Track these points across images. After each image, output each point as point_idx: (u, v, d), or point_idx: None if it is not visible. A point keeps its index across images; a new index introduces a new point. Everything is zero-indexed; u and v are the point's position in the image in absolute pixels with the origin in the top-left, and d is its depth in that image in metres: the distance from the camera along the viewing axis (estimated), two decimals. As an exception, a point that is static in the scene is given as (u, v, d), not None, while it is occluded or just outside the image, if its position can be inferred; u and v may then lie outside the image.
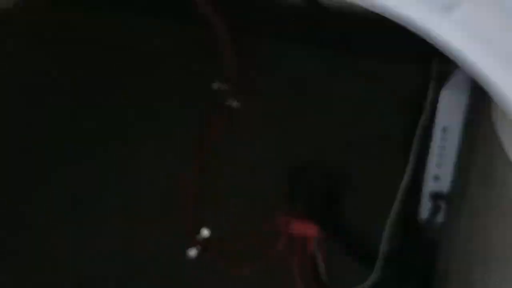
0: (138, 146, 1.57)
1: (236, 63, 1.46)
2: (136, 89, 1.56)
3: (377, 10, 0.55)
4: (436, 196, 1.09)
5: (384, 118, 1.46)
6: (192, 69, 1.54)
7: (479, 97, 0.97)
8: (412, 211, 1.37)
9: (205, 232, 1.55)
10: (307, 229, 1.48)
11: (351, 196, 1.48)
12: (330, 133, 1.50)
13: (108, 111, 1.58)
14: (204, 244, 1.52)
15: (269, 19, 1.50)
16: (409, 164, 1.31)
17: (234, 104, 1.49)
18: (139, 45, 1.56)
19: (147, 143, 1.56)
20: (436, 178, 1.09)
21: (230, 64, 1.47)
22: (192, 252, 1.54)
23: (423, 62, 1.33)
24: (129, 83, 1.57)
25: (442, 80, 1.05)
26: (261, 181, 1.52)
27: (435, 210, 1.08)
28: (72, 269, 1.47)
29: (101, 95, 1.59)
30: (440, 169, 1.08)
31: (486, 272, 0.89)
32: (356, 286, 1.47)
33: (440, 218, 1.10)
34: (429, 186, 1.10)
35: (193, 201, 1.52)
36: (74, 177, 1.53)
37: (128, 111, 1.57)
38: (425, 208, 1.13)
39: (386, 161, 1.46)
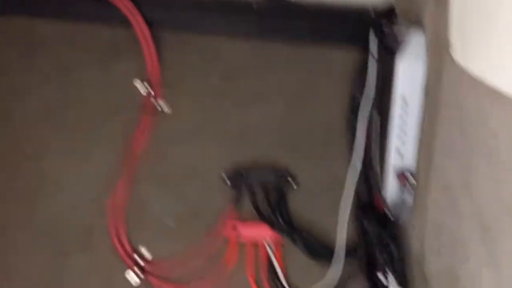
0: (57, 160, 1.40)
1: (159, 60, 1.36)
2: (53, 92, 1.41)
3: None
4: (401, 173, 1.03)
5: (326, 105, 1.40)
6: (113, 69, 1.40)
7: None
8: (371, 196, 1.32)
9: (144, 253, 1.40)
10: (257, 232, 1.39)
11: (300, 190, 1.41)
12: (271, 126, 1.41)
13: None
14: (145, 267, 1.37)
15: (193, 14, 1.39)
16: (356, 146, 1.27)
17: (161, 104, 1.37)
18: (54, 46, 1.42)
19: (67, 156, 1.40)
20: (400, 154, 1.03)
21: (152, 61, 1.34)
22: (133, 278, 1.39)
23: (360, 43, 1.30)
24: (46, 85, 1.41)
25: (394, 51, 1.00)
26: (199, 188, 1.40)
27: (401, 188, 1.02)
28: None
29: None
30: (402, 145, 1.02)
31: (460, 242, 0.86)
32: (316, 283, 1.41)
33: (406, 195, 1.04)
34: (393, 163, 1.04)
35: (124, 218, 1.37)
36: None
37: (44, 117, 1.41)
38: (391, 188, 1.06)
39: (332, 149, 1.40)
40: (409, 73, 0.98)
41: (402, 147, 1.03)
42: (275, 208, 1.37)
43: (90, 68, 1.40)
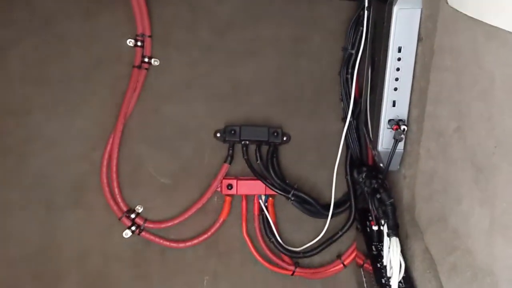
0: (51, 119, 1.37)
1: (149, 18, 1.32)
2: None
3: None
4: (394, 124, 1.03)
5: (318, 60, 1.39)
6: (98, 20, 1.35)
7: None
8: (362, 149, 1.33)
9: (138, 210, 1.40)
10: (250, 187, 1.39)
11: (291, 146, 1.41)
12: (262, 82, 1.40)
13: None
14: (139, 224, 1.38)
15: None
16: (348, 99, 1.27)
17: (151, 59, 1.35)
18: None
19: (61, 114, 1.37)
20: (393, 104, 1.03)
21: (142, 14, 1.31)
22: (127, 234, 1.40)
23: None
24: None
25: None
26: (192, 145, 1.40)
27: (396, 137, 1.02)
28: None
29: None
30: (396, 95, 1.03)
31: (452, 186, 0.87)
32: (307, 235, 1.43)
33: (398, 145, 1.05)
34: (386, 114, 1.04)
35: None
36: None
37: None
38: (383, 138, 1.07)
39: (323, 104, 1.40)
40: (405, 21, 0.98)
41: (395, 97, 1.03)
42: (267, 163, 1.38)
43: (73, 19, 1.35)
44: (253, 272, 1.43)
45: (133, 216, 1.38)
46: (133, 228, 1.37)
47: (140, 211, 1.39)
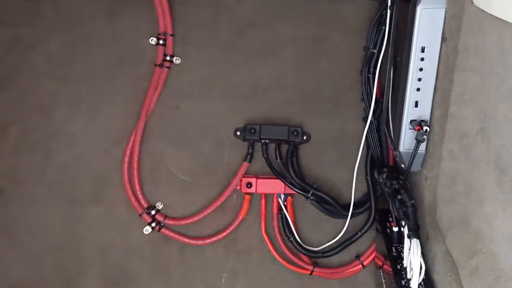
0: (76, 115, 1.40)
1: (171, 17, 1.34)
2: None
3: None
4: (416, 124, 1.02)
5: (338, 59, 1.38)
6: (122, 21, 1.38)
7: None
8: (383, 149, 1.32)
9: (158, 207, 1.42)
10: (270, 186, 1.40)
11: (311, 145, 1.41)
12: (282, 80, 1.40)
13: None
14: (160, 221, 1.40)
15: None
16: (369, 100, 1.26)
17: (173, 58, 1.36)
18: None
19: (84, 112, 1.40)
20: (416, 105, 1.02)
21: (164, 14, 1.33)
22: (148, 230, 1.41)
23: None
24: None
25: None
26: (212, 143, 1.41)
27: (418, 138, 1.01)
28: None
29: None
30: (419, 96, 1.02)
31: (475, 188, 0.86)
32: (326, 235, 1.43)
33: (420, 146, 1.04)
34: (409, 114, 1.03)
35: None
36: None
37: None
38: (405, 139, 1.06)
39: (344, 104, 1.40)
40: (429, 20, 0.96)
41: (418, 98, 1.02)
42: (287, 162, 1.38)
43: (98, 19, 1.38)
44: (271, 271, 1.43)
45: (153, 212, 1.39)
46: (153, 224, 1.39)
47: (160, 207, 1.41)
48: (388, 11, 1.17)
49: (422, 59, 0.99)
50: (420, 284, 0.97)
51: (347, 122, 1.40)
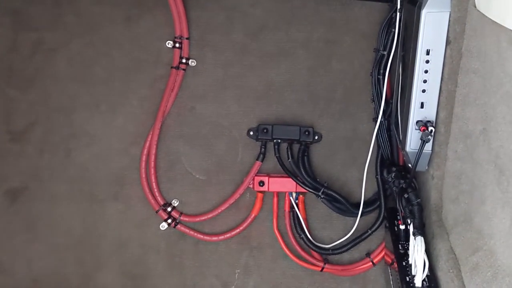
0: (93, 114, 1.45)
1: (186, 21, 1.38)
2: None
3: None
4: (422, 125, 1.05)
5: (350, 61, 1.41)
6: (139, 24, 1.42)
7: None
8: (392, 149, 1.34)
9: (174, 204, 1.46)
10: (282, 185, 1.43)
11: (322, 145, 1.44)
12: (295, 82, 1.43)
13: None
14: (176, 218, 1.44)
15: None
16: (379, 100, 1.29)
17: (188, 61, 1.41)
18: (81, 2, 1.44)
19: (102, 111, 1.45)
20: (422, 106, 1.05)
21: (180, 18, 1.37)
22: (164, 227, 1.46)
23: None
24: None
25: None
26: (226, 143, 1.45)
27: (423, 138, 1.04)
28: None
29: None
30: (425, 97, 1.04)
31: (477, 187, 0.88)
32: (336, 233, 1.45)
33: (426, 147, 1.06)
34: (415, 115, 1.06)
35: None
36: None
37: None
38: (411, 139, 1.09)
39: (354, 105, 1.42)
40: (433, 24, 0.99)
41: (424, 99, 1.05)
42: (298, 162, 1.41)
43: (116, 23, 1.43)
44: (283, 267, 1.47)
45: (169, 209, 1.44)
46: (169, 221, 1.44)
47: (176, 205, 1.46)
48: (398, 14, 1.20)
49: (427, 62, 1.02)
50: (424, 280, 1.00)
51: (358, 123, 1.43)
